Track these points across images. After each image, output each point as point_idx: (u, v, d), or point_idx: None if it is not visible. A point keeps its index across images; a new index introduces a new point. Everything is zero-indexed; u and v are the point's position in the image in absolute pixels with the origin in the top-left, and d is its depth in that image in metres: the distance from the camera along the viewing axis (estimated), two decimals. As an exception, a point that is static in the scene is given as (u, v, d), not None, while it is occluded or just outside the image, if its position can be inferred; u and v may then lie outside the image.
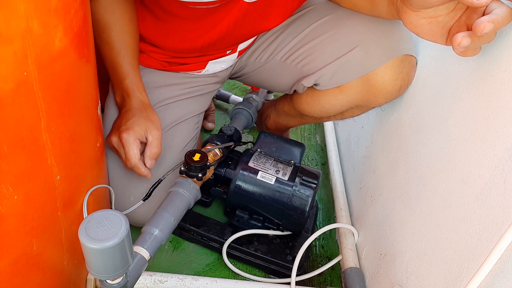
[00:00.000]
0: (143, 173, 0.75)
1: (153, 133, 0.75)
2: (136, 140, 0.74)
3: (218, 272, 0.89)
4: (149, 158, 0.75)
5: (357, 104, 0.87)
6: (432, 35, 0.57)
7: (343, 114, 0.92)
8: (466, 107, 0.58)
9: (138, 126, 0.74)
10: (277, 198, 0.86)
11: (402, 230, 0.71)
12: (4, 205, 0.48)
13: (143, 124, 0.75)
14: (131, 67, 0.79)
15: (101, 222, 0.47)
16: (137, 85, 0.79)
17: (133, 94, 0.79)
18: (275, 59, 0.92)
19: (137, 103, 0.78)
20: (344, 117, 0.94)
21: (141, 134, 0.75)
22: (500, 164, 0.49)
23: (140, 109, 0.77)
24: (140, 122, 0.75)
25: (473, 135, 0.56)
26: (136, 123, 0.75)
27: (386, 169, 0.83)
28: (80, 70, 0.53)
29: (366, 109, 0.89)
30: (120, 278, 0.52)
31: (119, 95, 0.81)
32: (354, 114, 0.92)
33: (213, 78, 0.94)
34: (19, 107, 0.44)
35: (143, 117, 0.76)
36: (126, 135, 0.74)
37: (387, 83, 0.78)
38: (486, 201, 0.50)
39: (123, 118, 0.77)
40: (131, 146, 0.74)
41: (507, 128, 0.49)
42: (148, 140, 0.75)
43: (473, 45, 0.50)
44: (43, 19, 0.43)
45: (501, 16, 0.47)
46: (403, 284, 0.67)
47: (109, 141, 0.77)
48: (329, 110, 0.91)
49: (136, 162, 0.74)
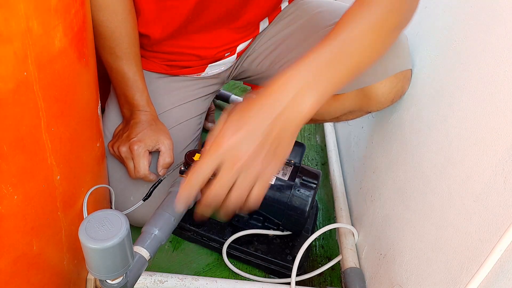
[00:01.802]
0: (151, 180, 0.79)
1: (165, 144, 0.78)
2: (146, 152, 0.77)
3: (218, 272, 0.89)
4: (161, 167, 0.79)
5: (351, 110, 0.87)
6: None
7: (338, 118, 0.93)
8: (466, 107, 0.58)
9: (149, 138, 0.77)
10: (277, 198, 0.86)
11: (402, 230, 0.71)
12: (4, 205, 0.48)
13: (154, 137, 0.78)
14: (140, 79, 0.80)
15: (101, 222, 0.47)
16: (146, 100, 0.81)
17: (143, 108, 0.81)
18: (276, 67, 0.92)
19: (146, 117, 0.80)
20: (339, 120, 0.95)
21: (151, 146, 0.78)
22: (500, 164, 0.49)
23: (149, 122, 0.80)
24: (151, 135, 0.78)
25: (473, 135, 0.56)
26: (147, 135, 0.77)
27: (386, 169, 0.83)
28: (80, 70, 0.53)
29: (359, 113, 0.89)
30: (120, 278, 0.52)
31: (127, 109, 0.82)
32: (348, 118, 0.93)
33: (213, 80, 0.94)
34: (19, 107, 0.44)
35: (153, 130, 0.78)
36: (137, 147, 0.76)
37: (381, 96, 0.79)
38: (486, 201, 0.50)
39: (133, 130, 0.78)
40: (141, 159, 0.77)
41: (507, 128, 0.49)
42: (161, 150, 0.78)
43: None
44: (43, 19, 0.43)
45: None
46: (403, 284, 0.67)
47: (116, 150, 0.79)
48: (324, 115, 0.92)
49: (146, 174, 0.78)
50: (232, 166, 0.50)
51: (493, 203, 0.49)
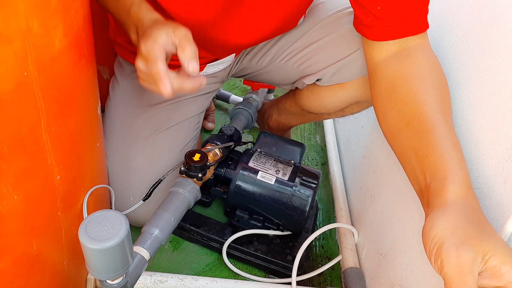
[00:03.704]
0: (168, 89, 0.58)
1: (177, 32, 0.59)
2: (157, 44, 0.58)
3: (218, 272, 0.89)
4: (186, 60, 0.58)
5: (357, 100, 0.87)
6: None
7: (343, 110, 0.92)
8: (466, 107, 0.58)
9: (156, 32, 0.59)
10: (277, 198, 0.86)
11: (402, 230, 0.71)
12: (4, 205, 0.48)
13: (163, 29, 0.59)
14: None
15: (101, 222, 0.47)
16: (145, 8, 0.65)
17: (143, 17, 0.64)
18: (276, 61, 0.92)
19: (149, 22, 0.63)
20: (344, 114, 0.94)
21: (164, 40, 0.58)
22: (500, 163, 0.49)
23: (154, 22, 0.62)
24: (160, 29, 0.59)
25: (473, 135, 0.56)
26: (154, 31, 0.59)
27: (386, 169, 0.83)
28: (80, 70, 0.53)
29: (366, 105, 0.89)
30: (120, 278, 0.52)
31: (132, 30, 0.66)
32: (354, 111, 0.92)
33: (212, 79, 0.94)
34: (19, 107, 0.44)
35: (159, 25, 0.61)
36: (144, 45, 0.58)
37: None
38: (486, 201, 0.50)
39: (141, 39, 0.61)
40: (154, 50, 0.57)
41: (507, 128, 0.49)
42: (177, 42, 0.59)
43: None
44: (43, 19, 0.43)
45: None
46: (403, 284, 0.67)
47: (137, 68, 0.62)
48: (329, 105, 0.91)
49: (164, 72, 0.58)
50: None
51: (493, 203, 0.49)
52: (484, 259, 0.40)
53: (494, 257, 0.40)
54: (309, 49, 0.87)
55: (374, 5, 0.62)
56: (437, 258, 0.42)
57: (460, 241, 0.41)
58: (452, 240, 0.42)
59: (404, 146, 0.57)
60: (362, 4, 0.64)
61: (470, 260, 0.40)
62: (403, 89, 0.59)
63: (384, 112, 0.62)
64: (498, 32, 0.54)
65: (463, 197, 0.46)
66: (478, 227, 0.43)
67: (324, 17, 0.86)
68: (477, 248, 0.40)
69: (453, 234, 0.42)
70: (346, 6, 0.86)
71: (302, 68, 0.89)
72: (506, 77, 0.51)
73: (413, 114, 0.56)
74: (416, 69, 0.60)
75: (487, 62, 0.55)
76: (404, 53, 0.62)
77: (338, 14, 0.85)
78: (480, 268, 0.40)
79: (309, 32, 0.87)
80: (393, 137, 0.60)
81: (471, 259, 0.40)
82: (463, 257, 0.40)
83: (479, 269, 0.40)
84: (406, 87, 0.59)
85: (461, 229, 0.42)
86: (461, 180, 0.47)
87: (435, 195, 0.48)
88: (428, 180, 0.50)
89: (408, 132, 0.56)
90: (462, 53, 0.62)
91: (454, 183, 0.47)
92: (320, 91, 0.90)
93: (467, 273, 0.39)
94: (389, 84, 0.62)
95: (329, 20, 0.85)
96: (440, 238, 0.42)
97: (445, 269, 0.40)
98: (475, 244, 0.41)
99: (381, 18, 0.63)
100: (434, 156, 0.51)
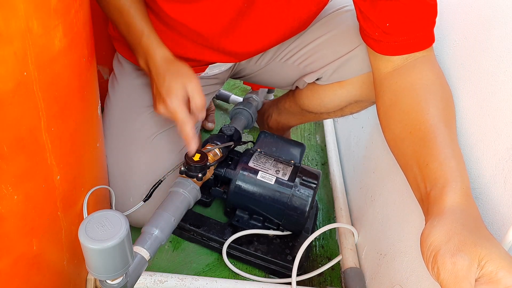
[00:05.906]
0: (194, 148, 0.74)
1: (190, 86, 0.73)
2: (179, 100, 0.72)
3: (218, 272, 0.89)
4: (197, 111, 0.74)
5: (357, 99, 0.87)
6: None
7: (343, 110, 0.92)
8: (466, 107, 0.58)
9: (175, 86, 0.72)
10: (277, 198, 0.86)
11: (402, 230, 0.71)
12: (4, 205, 0.48)
13: (179, 81, 0.73)
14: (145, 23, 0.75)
15: (101, 223, 0.47)
16: (155, 41, 0.76)
17: (154, 52, 0.75)
18: (276, 61, 0.92)
19: (161, 62, 0.75)
20: (343, 113, 0.94)
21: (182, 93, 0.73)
22: (500, 163, 0.49)
23: (167, 68, 0.75)
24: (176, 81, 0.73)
25: (473, 135, 0.56)
26: (173, 84, 0.73)
27: (386, 169, 0.83)
28: (80, 70, 0.53)
29: (366, 104, 0.89)
30: (120, 278, 0.52)
31: (142, 59, 0.77)
32: (353, 111, 0.92)
33: (213, 80, 0.94)
34: (19, 107, 0.44)
35: (174, 75, 0.74)
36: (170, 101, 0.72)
37: None
38: (486, 201, 0.50)
39: (158, 84, 0.75)
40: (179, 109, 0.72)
41: (507, 128, 0.49)
42: (190, 94, 0.74)
43: None
44: (43, 19, 0.43)
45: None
46: (403, 284, 0.67)
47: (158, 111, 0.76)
48: (328, 105, 0.91)
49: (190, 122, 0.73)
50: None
51: (493, 203, 0.49)
52: (480, 264, 0.40)
53: (490, 262, 0.40)
54: (309, 47, 0.87)
55: (383, 21, 0.63)
56: (433, 265, 0.42)
57: (456, 248, 0.41)
58: (447, 247, 0.42)
59: (406, 155, 0.57)
60: (371, 19, 0.64)
61: (465, 266, 0.40)
62: (406, 99, 0.60)
63: (387, 122, 0.63)
64: (498, 32, 0.54)
65: (461, 205, 0.46)
66: (474, 233, 0.43)
67: (323, 15, 0.86)
68: (472, 254, 0.40)
69: (449, 241, 0.42)
70: (345, 5, 0.86)
71: (303, 67, 0.89)
72: (506, 77, 0.51)
73: (415, 123, 0.57)
74: (420, 81, 0.60)
75: (487, 62, 0.55)
76: (409, 65, 0.63)
77: (338, 11, 0.85)
78: (476, 274, 0.40)
79: (309, 30, 0.87)
80: (396, 146, 0.60)
81: (467, 265, 0.40)
82: (458, 264, 0.40)
83: (476, 275, 0.40)
84: (409, 97, 0.60)
85: (456, 236, 0.42)
86: (459, 188, 0.47)
87: (434, 203, 0.48)
88: (428, 188, 0.50)
89: (410, 141, 0.57)
90: (462, 53, 0.62)
91: (452, 191, 0.47)
92: (320, 90, 0.90)
93: (463, 279, 0.39)
94: (393, 95, 0.62)
95: (329, 17, 0.85)
96: (436, 246, 0.43)
97: (442, 276, 0.41)
98: (470, 251, 0.41)
99: (390, 34, 0.63)
100: (434, 164, 0.51)
